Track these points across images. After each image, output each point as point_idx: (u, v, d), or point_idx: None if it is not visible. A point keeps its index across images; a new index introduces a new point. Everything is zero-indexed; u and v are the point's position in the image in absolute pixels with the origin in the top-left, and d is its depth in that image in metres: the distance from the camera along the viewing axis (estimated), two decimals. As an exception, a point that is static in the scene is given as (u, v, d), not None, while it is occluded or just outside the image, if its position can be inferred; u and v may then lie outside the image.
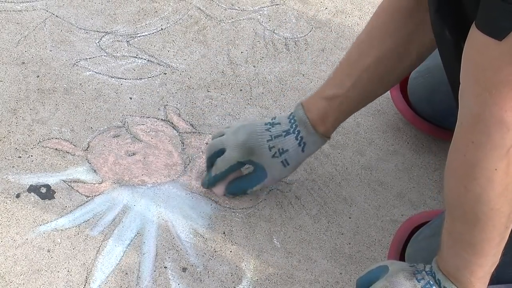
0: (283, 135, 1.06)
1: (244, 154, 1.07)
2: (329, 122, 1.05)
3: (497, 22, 0.67)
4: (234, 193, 1.13)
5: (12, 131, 1.19)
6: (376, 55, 1.00)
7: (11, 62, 1.30)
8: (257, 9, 1.48)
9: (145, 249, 1.06)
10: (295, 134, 1.05)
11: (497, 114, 0.70)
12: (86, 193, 1.12)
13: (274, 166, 1.07)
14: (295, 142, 1.05)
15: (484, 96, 0.70)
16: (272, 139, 1.06)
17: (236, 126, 1.10)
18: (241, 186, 1.11)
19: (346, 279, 1.06)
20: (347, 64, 1.03)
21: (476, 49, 0.71)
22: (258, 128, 1.07)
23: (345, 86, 1.02)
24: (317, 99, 1.05)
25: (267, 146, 1.06)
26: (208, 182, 1.12)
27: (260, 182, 1.09)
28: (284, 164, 1.07)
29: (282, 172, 1.08)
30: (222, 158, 1.08)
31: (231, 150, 1.07)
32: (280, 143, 1.05)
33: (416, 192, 1.19)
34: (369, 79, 1.01)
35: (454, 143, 0.78)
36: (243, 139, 1.06)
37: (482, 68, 0.70)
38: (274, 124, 1.07)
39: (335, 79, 1.04)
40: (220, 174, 1.09)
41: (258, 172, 1.08)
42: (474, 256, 0.80)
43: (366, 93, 1.04)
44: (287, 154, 1.06)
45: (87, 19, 1.40)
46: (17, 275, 1.01)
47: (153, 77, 1.31)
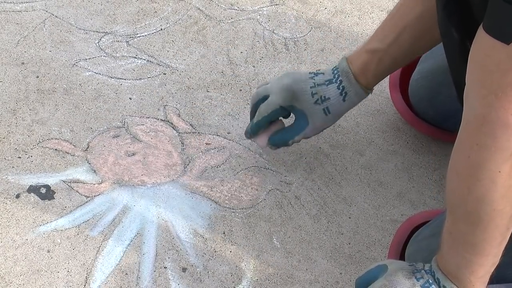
0: (326, 83, 1.07)
1: (287, 98, 1.08)
2: (370, 75, 1.07)
3: (504, 25, 0.67)
4: (277, 144, 1.13)
5: (12, 132, 1.19)
6: (419, 11, 1.00)
7: (11, 63, 1.30)
8: (257, 9, 1.48)
9: (145, 249, 1.06)
10: (337, 83, 1.07)
11: (502, 116, 0.70)
12: (86, 194, 1.12)
13: (316, 113, 1.08)
14: (337, 91, 1.07)
15: (490, 99, 0.70)
16: (315, 86, 1.07)
17: (280, 75, 1.12)
18: (284, 136, 1.12)
19: (346, 279, 1.06)
20: (391, 20, 1.05)
21: (483, 51, 0.71)
22: (302, 75, 1.09)
23: (386, 41, 1.04)
24: (361, 52, 1.07)
25: (310, 92, 1.07)
26: (251, 130, 1.13)
27: (302, 131, 1.10)
28: (326, 112, 1.08)
29: (323, 120, 1.09)
30: (265, 103, 1.10)
31: (274, 95, 1.09)
32: (322, 91, 1.07)
33: (416, 192, 1.19)
34: (412, 34, 1.02)
35: (458, 144, 0.78)
36: (287, 83, 1.08)
37: (489, 70, 0.70)
38: (318, 74, 1.09)
39: (379, 34, 1.06)
40: (263, 119, 1.10)
41: (299, 120, 1.10)
42: (475, 255, 0.80)
43: (406, 50, 1.05)
44: (329, 102, 1.07)
45: (87, 19, 1.40)
46: (17, 276, 1.01)
47: (153, 77, 1.31)
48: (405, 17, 1.02)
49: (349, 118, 1.28)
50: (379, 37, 1.05)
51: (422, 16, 1.00)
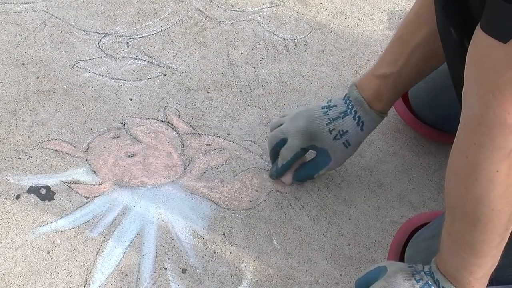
0: (341, 116, 1.07)
1: (306, 140, 1.09)
2: (384, 100, 1.06)
3: (502, 24, 0.67)
4: (302, 180, 1.16)
5: (12, 132, 1.19)
6: (427, 31, 1.00)
7: (11, 63, 1.30)
8: (257, 10, 1.48)
9: (145, 250, 1.06)
10: (353, 114, 1.07)
11: (500, 116, 0.70)
12: (86, 194, 1.12)
13: (337, 148, 1.09)
14: (354, 122, 1.07)
15: (487, 98, 0.70)
16: (331, 122, 1.07)
17: (293, 114, 1.12)
18: (308, 172, 1.13)
19: (346, 280, 1.06)
20: (399, 42, 1.04)
21: (481, 50, 0.71)
22: (316, 113, 1.08)
23: (398, 64, 1.03)
24: (371, 78, 1.06)
25: (328, 130, 1.07)
26: (276, 173, 1.15)
27: (325, 166, 1.11)
28: (346, 145, 1.08)
29: (345, 153, 1.10)
30: (285, 147, 1.10)
31: (293, 138, 1.09)
32: (340, 125, 1.07)
33: (416, 193, 1.19)
34: (421, 56, 1.02)
35: (456, 144, 0.78)
36: (304, 125, 1.08)
37: (486, 70, 0.70)
38: (331, 107, 1.08)
39: (388, 57, 1.05)
40: (287, 163, 1.12)
41: (322, 157, 1.10)
42: (474, 256, 0.80)
43: (419, 70, 1.05)
44: (348, 135, 1.07)
45: (87, 20, 1.40)
46: (16, 276, 1.01)
47: (153, 78, 1.31)
48: (414, 39, 1.01)
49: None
50: (389, 61, 1.04)
51: (430, 35, 0.99)
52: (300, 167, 1.14)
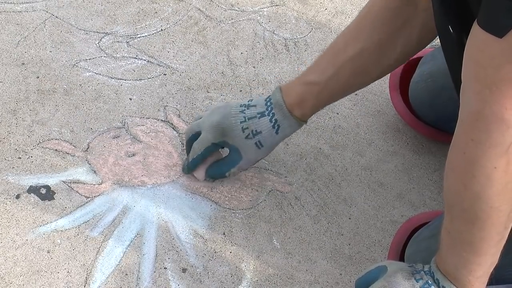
0: (258, 117, 1.06)
1: (217, 135, 1.07)
2: (307, 108, 1.05)
3: (498, 19, 0.67)
4: (214, 177, 1.14)
5: (12, 132, 1.19)
6: (361, 47, 1.00)
7: (11, 63, 1.30)
8: (257, 10, 1.48)
9: (145, 250, 1.06)
10: (270, 116, 1.06)
11: (497, 111, 0.70)
12: (86, 194, 1.12)
13: (248, 148, 1.08)
14: (269, 125, 1.06)
15: (484, 94, 0.70)
16: (245, 120, 1.06)
17: (212, 108, 1.11)
18: (219, 169, 1.12)
19: (346, 279, 1.06)
20: (331, 53, 1.03)
21: (477, 46, 0.71)
22: (232, 109, 1.07)
23: (326, 75, 1.02)
24: (297, 84, 1.05)
25: (241, 128, 1.06)
26: (187, 167, 1.13)
27: (235, 164, 1.10)
28: (258, 146, 1.07)
29: (256, 153, 1.09)
30: (198, 141, 1.10)
31: (206, 132, 1.08)
32: (254, 125, 1.06)
33: (416, 192, 1.19)
34: (351, 70, 1.01)
35: (454, 140, 0.78)
36: (217, 120, 1.07)
37: (483, 65, 0.70)
38: (250, 106, 1.07)
39: (318, 66, 1.04)
40: (197, 157, 1.10)
41: (233, 154, 1.09)
42: (473, 255, 0.80)
43: (346, 85, 1.04)
44: (261, 136, 1.06)
45: (87, 20, 1.40)
46: (17, 276, 1.01)
47: (153, 78, 1.31)
48: (347, 52, 1.01)
49: (349, 119, 1.29)
50: (317, 69, 1.04)
51: (362, 52, 1.00)
52: (213, 164, 1.13)
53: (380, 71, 1.04)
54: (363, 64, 1.01)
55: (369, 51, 1.00)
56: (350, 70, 1.01)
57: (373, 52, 1.00)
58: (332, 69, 1.02)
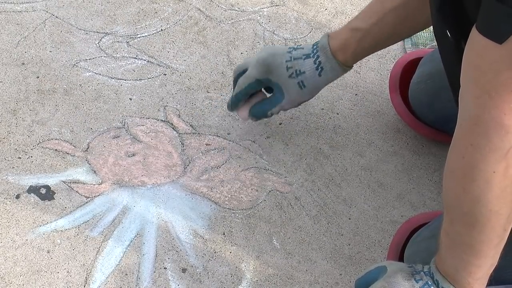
0: (303, 58, 1.09)
1: (262, 71, 1.10)
2: (349, 53, 1.08)
3: (497, 25, 0.67)
4: (257, 115, 1.15)
5: (12, 132, 1.19)
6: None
7: (11, 63, 1.30)
8: (257, 10, 1.48)
9: (145, 250, 1.06)
10: (314, 58, 1.08)
11: (496, 116, 0.70)
12: (85, 194, 1.12)
13: (291, 87, 1.10)
14: (313, 66, 1.08)
15: (483, 99, 0.70)
16: (291, 60, 1.09)
17: (261, 49, 1.14)
18: (262, 108, 1.14)
19: (345, 280, 1.06)
20: (376, 2, 1.06)
21: (476, 51, 0.71)
22: (280, 49, 1.11)
23: (369, 21, 1.05)
24: (343, 30, 1.08)
25: (285, 66, 1.09)
26: (230, 102, 1.15)
27: (278, 103, 1.12)
28: (301, 86, 1.09)
29: (299, 94, 1.11)
30: (243, 76, 1.12)
31: (251, 68, 1.11)
32: (298, 65, 1.09)
33: (416, 193, 1.19)
34: (393, 19, 1.03)
35: (453, 144, 0.78)
36: (264, 57, 1.10)
37: (482, 70, 0.70)
38: (297, 49, 1.10)
39: (363, 14, 1.07)
40: (240, 92, 1.13)
41: (276, 93, 1.12)
42: (472, 257, 0.80)
43: (387, 33, 1.06)
44: (304, 76, 1.09)
45: (87, 20, 1.40)
46: (16, 276, 1.01)
47: (153, 78, 1.31)
48: (391, 1, 1.03)
49: (349, 119, 1.29)
50: (363, 17, 1.07)
51: (408, 2, 1.01)
52: (256, 104, 1.15)
53: (423, 22, 1.05)
54: (407, 12, 1.02)
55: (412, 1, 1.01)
56: (394, 17, 1.03)
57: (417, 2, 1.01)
58: (377, 15, 1.04)
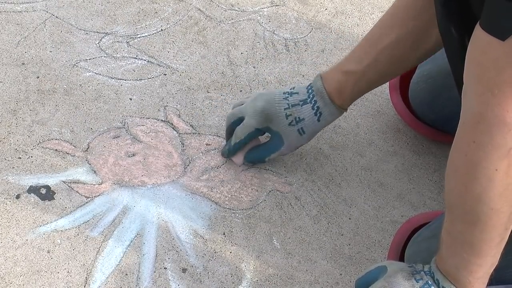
0: (300, 104, 1.09)
1: (261, 121, 1.10)
2: (346, 96, 1.08)
3: (501, 22, 0.67)
4: (253, 161, 1.16)
5: (12, 132, 1.19)
6: (397, 35, 1.01)
7: (11, 63, 1.30)
8: (257, 10, 1.48)
9: (145, 250, 1.06)
10: (312, 103, 1.08)
11: (499, 114, 0.70)
12: (86, 194, 1.12)
13: (291, 134, 1.10)
14: (312, 112, 1.08)
15: (486, 96, 0.70)
16: (289, 107, 1.09)
17: (254, 95, 1.13)
18: (259, 154, 1.15)
19: (346, 280, 1.06)
20: (368, 42, 1.05)
21: (480, 48, 0.71)
22: (276, 96, 1.10)
23: (363, 63, 1.04)
24: (336, 72, 1.07)
25: (284, 114, 1.09)
26: (228, 151, 1.16)
27: (277, 150, 1.13)
28: (300, 133, 1.10)
29: (298, 140, 1.11)
30: (241, 126, 1.12)
31: (249, 118, 1.11)
32: (297, 112, 1.09)
33: (416, 193, 1.19)
34: (387, 58, 1.03)
35: (456, 142, 0.78)
36: (261, 106, 1.10)
37: (485, 68, 0.70)
38: (292, 94, 1.10)
39: (355, 55, 1.06)
40: (239, 142, 1.13)
41: (275, 140, 1.12)
42: (473, 256, 0.80)
43: (383, 72, 1.06)
44: (303, 122, 1.09)
45: (87, 20, 1.40)
46: (17, 276, 1.01)
47: (153, 78, 1.31)
48: (382, 40, 1.02)
49: (349, 119, 1.29)
50: (356, 59, 1.06)
51: (399, 40, 1.01)
52: (253, 149, 1.15)
53: (415, 59, 1.06)
54: (399, 52, 1.02)
55: (405, 38, 1.01)
56: (386, 58, 1.03)
57: (410, 39, 1.01)
58: (369, 58, 1.04)
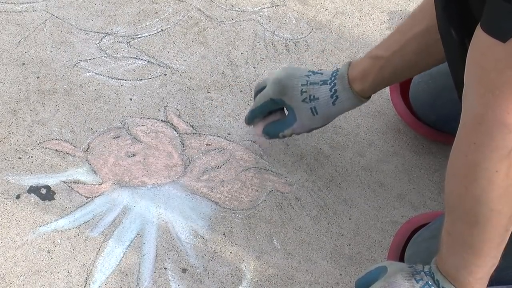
0: (319, 83, 1.08)
1: (277, 92, 1.10)
2: (368, 82, 1.07)
3: (501, 23, 0.67)
4: (268, 133, 1.15)
5: (12, 132, 1.19)
6: (426, 25, 1.00)
7: (11, 63, 1.30)
8: (257, 10, 1.48)
9: (145, 250, 1.06)
10: (331, 86, 1.07)
11: (499, 115, 0.70)
12: (86, 194, 1.12)
13: (303, 111, 1.09)
14: (328, 93, 1.07)
15: (487, 98, 0.70)
16: (307, 84, 1.08)
17: (283, 67, 1.14)
18: (274, 128, 1.14)
19: (346, 280, 1.06)
20: (398, 31, 1.05)
21: (480, 50, 0.71)
22: (299, 72, 1.10)
23: (390, 50, 1.04)
24: (364, 58, 1.07)
25: (300, 89, 1.08)
26: (247, 117, 1.16)
27: (290, 126, 1.12)
28: (313, 112, 1.09)
29: (310, 120, 1.10)
30: (260, 94, 1.13)
31: (269, 86, 1.11)
32: (313, 90, 1.08)
33: (416, 193, 1.19)
34: (414, 47, 1.02)
35: (456, 143, 0.78)
36: (281, 77, 1.10)
37: (486, 69, 0.70)
38: (316, 73, 1.10)
39: (385, 42, 1.06)
40: (256, 109, 1.13)
41: (289, 115, 1.12)
42: (474, 256, 0.80)
43: (408, 61, 1.05)
44: (317, 102, 1.08)
45: (87, 20, 1.40)
46: (17, 276, 1.01)
47: (153, 78, 1.31)
48: (412, 29, 1.02)
49: (349, 119, 1.29)
50: (384, 45, 1.06)
51: (428, 30, 1.00)
52: (271, 123, 1.15)
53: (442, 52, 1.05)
54: (427, 42, 1.01)
55: (433, 29, 1.00)
56: (414, 47, 1.02)
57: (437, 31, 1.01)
58: (397, 45, 1.03)
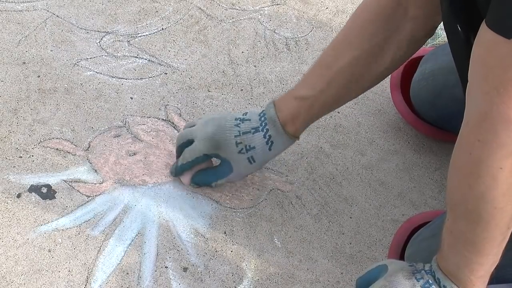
0: (252, 132, 1.06)
1: (210, 147, 1.07)
2: (299, 123, 1.05)
3: (507, 20, 0.67)
4: (199, 184, 1.13)
5: (13, 131, 1.19)
6: (351, 57, 0.99)
7: (12, 62, 1.30)
8: (258, 9, 1.48)
9: (146, 249, 1.06)
10: (264, 132, 1.05)
11: (504, 112, 0.70)
12: (87, 193, 1.12)
13: (240, 162, 1.07)
14: (263, 141, 1.05)
15: (491, 94, 0.70)
16: (240, 135, 1.06)
17: (206, 118, 1.10)
18: (206, 178, 1.12)
19: (347, 278, 1.06)
20: (321, 65, 1.03)
21: (485, 47, 0.71)
22: (227, 122, 1.07)
23: (317, 88, 1.02)
24: (289, 99, 1.05)
25: (234, 142, 1.06)
26: (175, 171, 1.13)
27: (224, 176, 1.10)
28: (250, 161, 1.07)
29: (247, 168, 1.09)
30: (189, 149, 1.09)
31: (198, 142, 1.08)
32: (248, 140, 1.06)
33: (417, 192, 1.19)
34: (342, 81, 1.01)
35: (459, 140, 0.78)
36: (212, 132, 1.07)
37: (491, 66, 0.70)
38: (244, 120, 1.07)
39: (309, 80, 1.04)
40: (186, 164, 1.10)
41: (224, 167, 1.09)
42: (475, 254, 0.80)
43: (338, 96, 1.04)
44: (254, 151, 1.06)
45: (88, 19, 1.40)
46: (18, 275, 1.01)
47: (154, 77, 1.31)
48: (337, 63, 1.00)
49: (350, 118, 1.29)
50: (308, 83, 1.03)
51: (354, 62, 0.99)
52: (201, 171, 1.12)
53: (370, 81, 1.04)
54: (354, 74, 1.00)
55: (360, 60, 0.99)
56: (341, 82, 1.01)
57: (364, 61, 0.99)
58: (323, 82, 1.01)
